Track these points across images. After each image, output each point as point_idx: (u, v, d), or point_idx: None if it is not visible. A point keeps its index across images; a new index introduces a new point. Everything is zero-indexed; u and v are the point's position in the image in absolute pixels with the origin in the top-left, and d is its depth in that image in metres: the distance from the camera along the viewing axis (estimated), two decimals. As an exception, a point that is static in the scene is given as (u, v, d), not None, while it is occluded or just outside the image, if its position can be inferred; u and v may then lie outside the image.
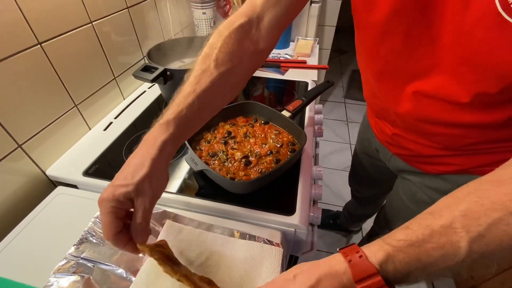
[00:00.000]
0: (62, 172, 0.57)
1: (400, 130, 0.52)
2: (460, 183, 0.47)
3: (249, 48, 0.41)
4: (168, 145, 0.34)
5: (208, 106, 0.39)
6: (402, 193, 0.63)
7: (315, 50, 1.10)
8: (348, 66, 2.79)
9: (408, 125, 0.49)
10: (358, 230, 1.33)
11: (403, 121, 0.48)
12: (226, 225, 0.47)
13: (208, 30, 1.10)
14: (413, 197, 0.60)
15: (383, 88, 0.48)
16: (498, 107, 0.37)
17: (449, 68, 0.36)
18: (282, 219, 0.48)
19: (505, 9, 0.27)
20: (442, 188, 0.53)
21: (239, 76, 0.42)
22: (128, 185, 0.31)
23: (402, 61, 0.40)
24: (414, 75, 0.40)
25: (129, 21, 0.76)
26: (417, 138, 0.49)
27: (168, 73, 0.63)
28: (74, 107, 0.63)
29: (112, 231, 0.31)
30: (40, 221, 0.49)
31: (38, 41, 0.52)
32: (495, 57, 0.31)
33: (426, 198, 0.57)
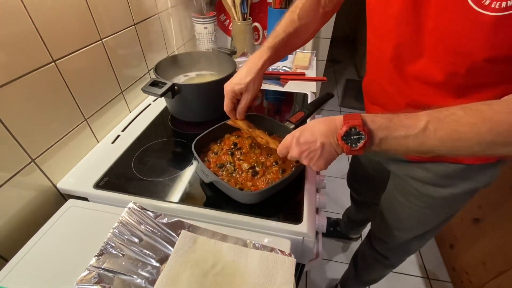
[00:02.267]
0: (73, 185, 0.58)
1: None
2: (439, 173, 0.56)
3: (319, 10, 0.60)
4: (266, 63, 0.55)
5: (290, 44, 0.59)
6: (393, 188, 0.69)
7: (312, 63, 1.14)
8: (342, 75, 2.87)
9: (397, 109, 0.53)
10: (357, 237, 1.35)
11: (395, 104, 0.54)
12: (236, 234, 0.49)
13: (209, 44, 1.13)
14: (402, 190, 0.65)
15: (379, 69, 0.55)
16: (468, 92, 0.43)
17: (430, 51, 0.43)
18: (290, 228, 0.50)
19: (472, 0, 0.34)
20: (424, 178, 0.58)
21: (312, 28, 0.61)
22: (241, 83, 0.54)
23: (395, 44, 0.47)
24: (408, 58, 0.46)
25: (136, 37, 0.78)
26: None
27: (176, 87, 0.66)
28: (84, 121, 0.64)
29: (229, 107, 0.58)
30: (54, 234, 0.50)
31: (53, 59, 0.54)
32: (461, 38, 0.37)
33: (412, 189, 0.62)
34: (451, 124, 0.35)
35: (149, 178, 0.60)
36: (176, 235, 0.48)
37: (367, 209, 1.07)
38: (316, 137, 0.41)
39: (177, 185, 0.58)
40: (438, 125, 0.35)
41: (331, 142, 0.41)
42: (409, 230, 0.71)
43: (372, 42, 0.55)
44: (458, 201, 0.60)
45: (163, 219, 0.50)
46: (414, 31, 0.43)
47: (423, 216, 0.65)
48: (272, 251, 0.45)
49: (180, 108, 0.74)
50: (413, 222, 0.68)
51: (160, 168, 0.62)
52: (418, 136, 0.36)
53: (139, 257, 0.44)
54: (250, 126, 0.61)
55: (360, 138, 0.38)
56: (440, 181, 0.57)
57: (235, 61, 0.79)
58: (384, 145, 0.38)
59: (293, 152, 0.44)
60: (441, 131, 0.35)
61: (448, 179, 0.56)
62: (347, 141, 0.39)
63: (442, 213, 0.64)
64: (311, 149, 0.42)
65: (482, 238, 1.09)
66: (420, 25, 0.42)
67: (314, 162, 0.43)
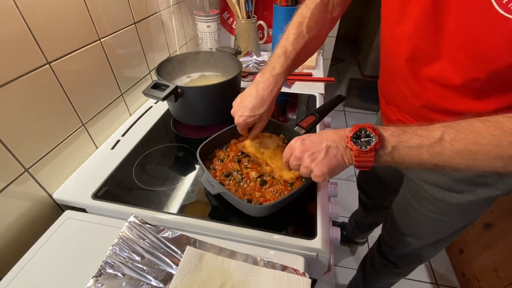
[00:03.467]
0: (69, 196, 0.54)
1: (403, 115, 0.55)
2: (456, 178, 0.52)
3: (327, 17, 0.55)
4: (279, 90, 0.51)
5: (300, 60, 0.53)
6: (407, 192, 0.65)
7: (319, 62, 1.10)
8: (345, 74, 2.82)
9: (412, 110, 0.52)
10: (364, 242, 1.31)
11: (409, 104, 0.52)
12: (245, 250, 0.45)
13: (212, 43, 1.09)
14: (416, 195, 0.62)
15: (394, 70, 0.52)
16: (487, 96, 0.40)
17: (449, 55, 0.41)
18: (303, 243, 0.46)
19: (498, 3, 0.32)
20: (440, 183, 0.55)
21: (321, 38, 0.57)
22: (255, 115, 0.50)
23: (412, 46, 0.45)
24: (424, 60, 0.44)
25: (136, 36, 0.74)
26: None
27: (179, 90, 0.62)
28: (82, 126, 0.61)
29: (245, 132, 0.55)
30: (49, 249, 0.46)
31: (47, 61, 0.50)
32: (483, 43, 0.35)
33: (427, 195, 0.58)
34: (468, 134, 0.33)
35: (151, 187, 0.56)
36: (181, 252, 0.44)
37: (377, 213, 1.03)
38: (323, 140, 0.40)
39: (180, 194, 0.55)
40: (454, 135, 0.33)
41: (338, 146, 0.39)
42: (422, 237, 0.68)
43: (387, 43, 0.52)
44: (475, 208, 0.57)
45: (166, 233, 0.46)
46: (433, 34, 0.41)
47: (437, 223, 0.62)
48: (285, 269, 0.42)
49: (183, 112, 0.70)
50: (426, 229, 0.65)
51: (162, 176, 0.59)
52: (433, 146, 0.34)
53: (140, 277, 0.41)
54: (262, 144, 0.59)
55: (370, 140, 0.36)
56: (456, 187, 0.54)
57: (240, 62, 0.75)
58: (396, 154, 0.36)
59: (296, 151, 0.42)
60: (458, 142, 0.33)
61: (465, 184, 0.53)
62: (356, 143, 0.37)
63: (458, 220, 0.61)
64: (315, 149, 0.40)
65: (493, 244, 1.06)
66: (440, 28, 0.40)
67: (316, 163, 0.39)
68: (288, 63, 0.50)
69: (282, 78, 0.50)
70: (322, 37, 0.57)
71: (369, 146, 0.35)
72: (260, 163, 0.56)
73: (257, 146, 0.57)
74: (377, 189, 0.92)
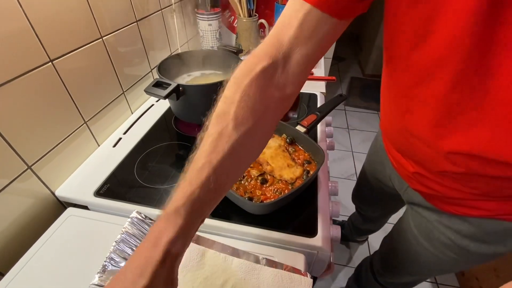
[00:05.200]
0: (72, 193, 0.55)
1: (425, 171, 0.44)
2: (485, 229, 0.45)
3: (274, 96, 0.32)
4: (177, 244, 0.26)
5: (227, 178, 0.30)
6: (414, 227, 0.55)
7: (320, 61, 1.10)
8: (346, 73, 2.82)
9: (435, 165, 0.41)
10: (364, 241, 1.32)
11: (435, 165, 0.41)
12: (246, 247, 0.46)
13: (213, 42, 1.09)
14: (428, 235, 0.52)
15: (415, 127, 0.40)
16: None
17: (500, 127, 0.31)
18: (304, 241, 0.46)
19: None
20: (465, 231, 0.46)
21: (263, 131, 0.33)
22: None
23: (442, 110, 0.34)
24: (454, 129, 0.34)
25: (138, 34, 0.75)
26: (449, 182, 0.42)
27: (180, 88, 0.62)
28: (84, 124, 0.61)
29: None
30: (52, 246, 0.47)
31: (50, 59, 0.50)
32: None
33: (445, 239, 0.49)
34: None
35: (152, 185, 0.56)
36: (182, 249, 0.45)
37: (373, 224, 1.03)
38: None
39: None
40: None
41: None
42: (423, 273, 0.61)
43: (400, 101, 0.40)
44: (498, 256, 0.47)
45: (168, 231, 0.46)
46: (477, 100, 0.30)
47: (449, 265, 0.53)
48: (286, 269, 0.42)
49: (185, 110, 0.71)
50: (432, 268, 0.56)
51: (163, 174, 0.59)
52: None
53: (143, 274, 0.41)
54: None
55: None
56: (485, 237, 0.45)
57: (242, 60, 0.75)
58: None
59: None
60: None
61: (496, 235, 0.44)
62: None
63: (472, 264, 0.52)
64: None
65: (493, 243, 1.06)
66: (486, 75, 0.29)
67: None
68: (192, 189, 0.27)
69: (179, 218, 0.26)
70: (266, 128, 0.33)
71: None
72: (260, 162, 0.57)
73: None
74: (371, 207, 0.90)
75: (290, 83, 0.33)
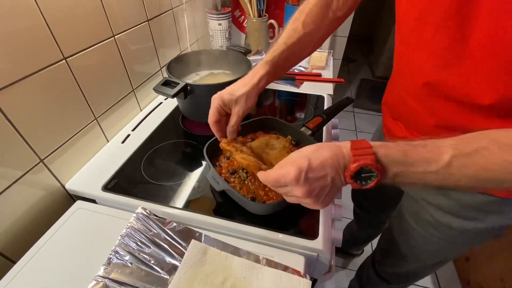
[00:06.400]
0: (81, 187, 0.57)
1: (412, 132, 0.51)
2: (464, 202, 0.48)
3: (329, 16, 0.52)
4: (263, 79, 0.48)
5: (293, 56, 0.52)
6: (406, 211, 0.61)
7: (329, 63, 1.10)
8: (356, 75, 2.79)
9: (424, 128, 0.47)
10: (359, 254, 1.29)
11: (421, 123, 0.48)
12: (247, 247, 0.46)
13: (222, 41, 1.10)
14: (417, 216, 0.57)
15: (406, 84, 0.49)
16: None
17: (476, 68, 0.35)
18: (305, 243, 0.47)
19: None
20: (445, 206, 0.50)
21: (319, 36, 0.53)
22: (232, 95, 0.46)
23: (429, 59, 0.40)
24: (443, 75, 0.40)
25: (149, 33, 0.76)
26: None
27: (188, 88, 0.63)
28: (94, 120, 0.63)
29: (212, 119, 0.48)
30: (61, 237, 0.49)
31: (64, 56, 0.52)
32: None
33: (429, 217, 0.54)
34: (479, 160, 0.29)
35: (158, 182, 0.58)
36: (186, 244, 0.46)
37: (372, 228, 1.01)
38: (327, 171, 0.33)
39: (186, 190, 0.56)
40: (464, 161, 0.29)
41: (341, 178, 0.34)
42: (419, 259, 0.64)
43: (402, 54, 0.48)
44: (482, 236, 0.51)
45: (172, 226, 0.48)
46: (457, 43, 0.36)
47: (437, 247, 0.57)
48: (286, 270, 0.42)
49: (192, 109, 0.72)
50: (425, 252, 0.61)
51: (169, 171, 0.60)
52: (439, 173, 0.30)
53: (147, 268, 0.43)
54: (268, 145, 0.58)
55: (371, 176, 0.32)
56: (463, 212, 0.49)
57: (250, 61, 0.75)
58: (399, 180, 0.32)
59: (297, 191, 0.33)
60: (468, 168, 0.29)
61: (474, 211, 0.48)
62: (356, 180, 0.33)
63: (460, 246, 0.56)
64: (321, 186, 0.33)
65: (501, 253, 1.04)
66: (465, 35, 0.35)
67: (321, 200, 0.34)
68: (274, 55, 0.49)
69: (266, 68, 0.48)
70: (320, 34, 0.53)
71: (370, 182, 0.32)
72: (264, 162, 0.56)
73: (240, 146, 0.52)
74: (374, 203, 0.89)
75: (341, 9, 0.52)
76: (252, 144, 0.60)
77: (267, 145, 0.60)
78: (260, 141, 0.61)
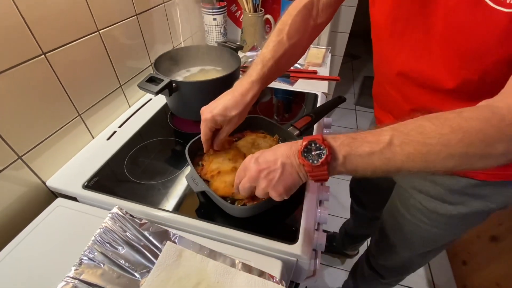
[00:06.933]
0: (62, 184, 0.56)
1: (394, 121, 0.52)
2: (448, 187, 0.51)
3: (310, 23, 0.53)
4: (255, 96, 0.49)
5: (280, 69, 0.52)
6: (396, 199, 0.64)
7: (326, 60, 1.07)
8: (360, 72, 2.74)
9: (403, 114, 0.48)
10: (355, 254, 1.28)
11: (399, 109, 0.51)
12: (225, 250, 0.45)
13: (218, 36, 1.08)
14: (406, 203, 0.60)
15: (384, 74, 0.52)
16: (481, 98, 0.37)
17: (438, 56, 0.39)
18: (283, 248, 0.45)
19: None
20: (431, 192, 0.53)
21: (303, 45, 0.55)
22: (226, 116, 0.47)
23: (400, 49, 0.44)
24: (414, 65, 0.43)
25: (138, 28, 0.75)
26: None
27: (173, 85, 0.62)
28: (78, 117, 0.62)
29: (205, 138, 0.50)
30: (38, 235, 0.48)
31: (43, 51, 0.51)
32: (473, 38, 0.35)
33: (417, 203, 0.56)
34: (417, 136, 0.31)
35: (141, 181, 0.57)
36: (161, 246, 0.45)
37: (368, 225, 1.01)
38: (277, 157, 0.37)
39: (169, 190, 0.55)
40: (403, 138, 0.31)
41: (292, 162, 0.36)
42: (410, 248, 0.66)
43: (378, 48, 0.51)
44: (468, 222, 0.54)
45: (148, 227, 0.47)
46: (422, 34, 0.40)
47: (427, 234, 0.59)
48: (262, 275, 0.41)
49: (179, 106, 0.70)
50: (415, 240, 0.62)
51: (153, 170, 0.59)
52: (383, 153, 0.32)
53: (119, 270, 0.42)
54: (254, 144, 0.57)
55: (321, 153, 0.34)
56: (448, 197, 0.52)
57: (239, 57, 0.74)
58: (349, 164, 0.34)
59: (250, 171, 0.38)
60: (408, 145, 0.31)
61: (457, 195, 0.51)
62: (307, 157, 0.35)
63: (449, 233, 0.58)
64: (270, 168, 0.36)
65: (499, 258, 1.01)
66: (428, 28, 0.39)
67: (273, 184, 0.37)
68: (264, 71, 0.48)
69: (258, 86, 0.48)
70: (303, 44, 0.55)
71: (321, 159, 0.33)
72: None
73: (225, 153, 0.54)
74: (371, 197, 0.89)
75: (320, 16, 0.53)
76: (238, 144, 0.59)
77: (253, 145, 0.59)
78: (246, 141, 0.60)
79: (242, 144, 0.58)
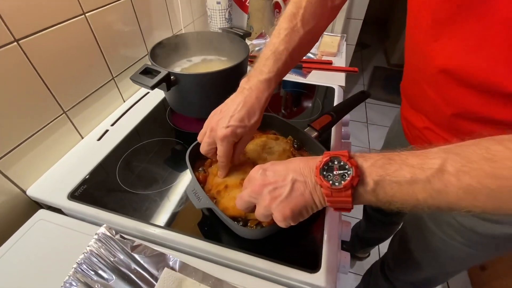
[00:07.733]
0: (44, 193, 0.49)
1: (433, 124, 0.46)
2: None
3: (327, 5, 0.44)
4: (269, 98, 0.41)
5: (294, 60, 0.43)
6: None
7: (342, 49, 0.97)
8: (370, 62, 2.61)
9: (441, 119, 0.43)
10: (366, 257, 1.21)
11: (438, 112, 0.43)
12: (233, 278, 0.38)
13: (222, 22, 0.98)
14: (436, 218, 0.52)
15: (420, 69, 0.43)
16: None
17: (498, 47, 0.31)
18: (303, 278, 0.38)
19: None
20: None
21: (319, 31, 0.46)
22: (246, 126, 0.39)
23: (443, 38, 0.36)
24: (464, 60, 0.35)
25: (132, 11, 0.65)
26: (450, 136, 0.43)
27: (172, 77, 0.53)
28: (63, 114, 0.54)
29: (227, 159, 0.40)
30: (17, 253, 0.41)
31: (15, 38, 0.42)
32: None
33: (451, 219, 0.48)
34: (482, 164, 0.22)
35: (135, 190, 0.49)
36: (158, 273, 0.38)
37: (383, 229, 0.93)
38: (288, 171, 0.31)
39: (167, 201, 0.48)
40: (461, 164, 0.23)
41: (307, 180, 0.29)
42: (437, 267, 0.58)
43: (412, 35, 0.42)
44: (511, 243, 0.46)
45: (142, 250, 0.39)
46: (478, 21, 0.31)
47: (459, 254, 0.51)
48: (278, 314, 0.34)
49: (179, 102, 0.62)
50: (444, 258, 0.55)
51: (149, 177, 0.51)
52: (431, 182, 0.24)
53: (106, 304, 0.35)
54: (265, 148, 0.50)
55: (345, 174, 0.27)
56: (492, 215, 0.43)
57: (248, 45, 0.64)
58: (381, 192, 0.26)
59: (254, 183, 0.32)
60: (468, 175, 0.23)
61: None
62: (327, 177, 0.28)
63: (485, 254, 0.50)
64: (278, 183, 0.30)
65: (524, 265, 0.94)
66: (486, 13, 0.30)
67: (277, 202, 0.30)
68: (278, 66, 0.40)
69: (272, 85, 0.40)
70: (320, 31, 0.46)
71: (344, 182, 0.26)
72: None
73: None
74: None
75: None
76: (246, 148, 0.50)
77: (264, 149, 0.50)
78: (256, 144, 0.51)
79: (251, 148, 0.50)
